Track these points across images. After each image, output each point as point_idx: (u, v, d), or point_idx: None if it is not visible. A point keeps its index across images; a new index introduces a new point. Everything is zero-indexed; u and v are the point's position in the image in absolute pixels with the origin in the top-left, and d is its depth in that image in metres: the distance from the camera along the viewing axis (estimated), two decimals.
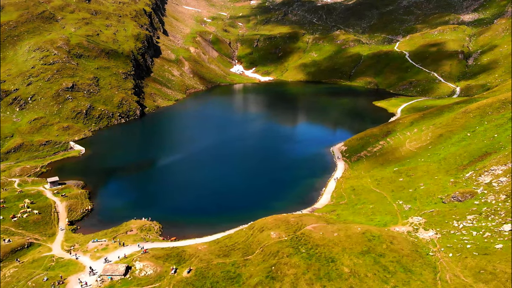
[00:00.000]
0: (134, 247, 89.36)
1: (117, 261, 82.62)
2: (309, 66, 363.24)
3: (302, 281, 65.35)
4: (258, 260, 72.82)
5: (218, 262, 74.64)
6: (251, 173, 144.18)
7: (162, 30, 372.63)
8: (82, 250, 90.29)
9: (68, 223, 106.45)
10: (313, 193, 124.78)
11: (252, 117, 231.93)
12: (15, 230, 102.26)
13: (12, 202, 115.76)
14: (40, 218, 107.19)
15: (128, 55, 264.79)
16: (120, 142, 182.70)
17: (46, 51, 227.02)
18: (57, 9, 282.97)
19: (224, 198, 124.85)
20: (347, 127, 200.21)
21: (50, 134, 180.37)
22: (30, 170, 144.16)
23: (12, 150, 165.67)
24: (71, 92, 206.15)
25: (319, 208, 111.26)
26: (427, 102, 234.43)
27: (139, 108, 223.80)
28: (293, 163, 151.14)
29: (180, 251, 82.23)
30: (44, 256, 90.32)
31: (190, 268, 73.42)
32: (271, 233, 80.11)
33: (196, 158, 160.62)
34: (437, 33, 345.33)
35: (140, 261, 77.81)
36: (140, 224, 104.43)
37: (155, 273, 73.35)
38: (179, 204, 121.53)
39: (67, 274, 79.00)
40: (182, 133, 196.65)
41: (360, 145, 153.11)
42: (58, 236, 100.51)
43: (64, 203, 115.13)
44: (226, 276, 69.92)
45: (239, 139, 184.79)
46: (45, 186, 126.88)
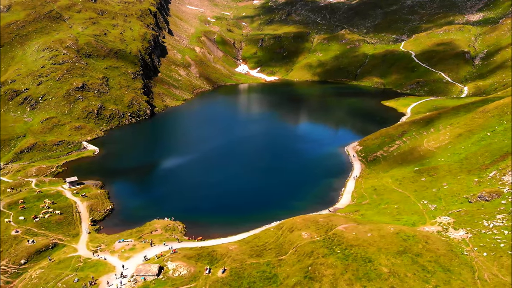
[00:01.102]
0: (162, 247, 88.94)
1: (147, 260, 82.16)
2: (315, 66, 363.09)
3: (342, 281, 65.07)
4: (293, 261, 72.51)
5: (252, 262, 74.32)
6: (267, 172, 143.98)
7: (167, 29, 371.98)
8: (109, 251, 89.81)
9: (91, 223, 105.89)
10: (332, 193, 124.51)
11: (262, 117, 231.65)
12: (38, 230, 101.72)
13: (32, 203, 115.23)
14: (63, 219, 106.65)
15: (136, 55, 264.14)
16: (134, 142, 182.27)
17: (55, 50, 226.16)
18: (63, 9, 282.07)
19: (242, 198, 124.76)
20: (359, 126, 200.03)
21: (62, 134, 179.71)
22: (46, 170, 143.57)
23: (25, 150, 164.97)
24: (82, 91, 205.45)
25: (340, 208, 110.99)
26: (436, 102, 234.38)
27: (149, 108, 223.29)
28: (308, 163, 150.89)
29: (211, 251, 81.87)
30: (70, 256, 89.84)
31: (224, 268, 73.05)
32: (302, 234, 79.83)
33: (210, 157, 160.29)
34: (442, 32, 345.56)
35: (172, 261, 77.43)
36: (164, 224, 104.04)
37: (189, 273, 72.97)
38: (198, 203, 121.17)
39: (98, 275, 78.54)
40: (194, 133, 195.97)
41: (375, 144, 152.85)
42: (82, 237, 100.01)
43: (85, 203, 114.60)
44: (262, 276, 69.61)
45: (251, 138, 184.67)
46: (64, 186, 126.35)
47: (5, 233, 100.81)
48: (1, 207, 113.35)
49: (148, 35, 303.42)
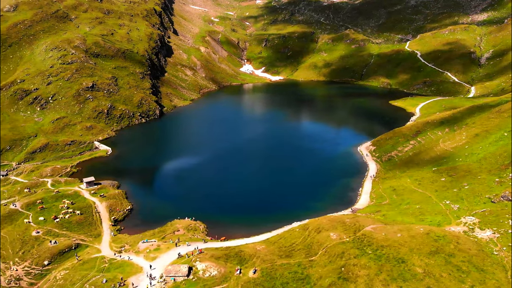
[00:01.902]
0: (187, 247, 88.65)
1: (174, 261, 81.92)
2: (320, 66, 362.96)
3: (377, 282, 64.85)
4: (324, 261, 72.29)
5: (282, 262, 74.10)
6: (281, 172, 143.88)
7: (172, 29, 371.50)
8: (134, 251, 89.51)
9: (112, 224, 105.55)
10: (350, 193, 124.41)
11: (271, 116, 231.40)
12: (59, 231, 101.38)
13: (50, 203, 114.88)
14: (83, 219, 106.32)
15: (143, 55, 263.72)
16: (146, 142, 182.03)
17: (64, 50, 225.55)
18: (70, 8, 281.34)
19: (259, 197, 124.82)
20: (369, 126, 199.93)
21: (73, 134, 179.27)
22: (61, 170, 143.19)
23: (37, 150, 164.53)
24: (91, 91, 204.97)
25: (360, 209, 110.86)
26: (444, 102, 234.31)
27: (158, 108, 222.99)
28: (322, 163, 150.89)
29: (238, 251, 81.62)
30: (94, 257, 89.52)
31: (255, 268, 72.81)
32: (331, 234, 79.64)
33: (223, 156, 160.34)
34: (448, 32, 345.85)
35: (201, 262, 77.18)
36: (185, 223, 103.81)
37: (219, 274, 72.71)
38: (216, 203, 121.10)
39: (126, 276, 78.23)
40: (205, 133, 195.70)
41: (389, 144, 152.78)
42: (104, 237, 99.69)
43: (104, 203, 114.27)
44: (295, 277, 69.39)
45: (262, 138, 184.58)
46: (81, 186, 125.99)
47: (26, 234, 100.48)
48: (19, 207, 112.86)
49: (154, 35, 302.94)
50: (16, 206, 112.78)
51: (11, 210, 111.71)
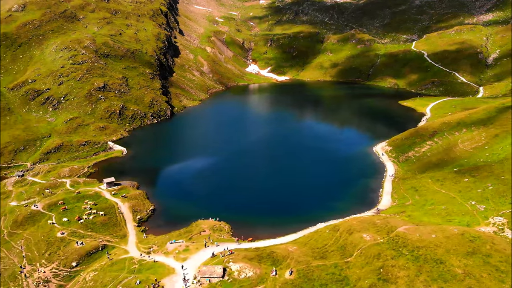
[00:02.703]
0: (216, 248, 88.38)
1: (206, 261, 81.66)
2: (326, 66, 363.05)
3: (418, 282, 64.63)
4: (361, 263, 72.06)
5: (318, 264, 73.86)
6: (299, 172, 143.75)
7: (178, 29, 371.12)
8: (162, 252, 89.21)
9: (136, 225, 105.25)
10: (370, 193, 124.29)
11: (282, 116, 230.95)
12: (84, 232, 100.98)
13: (72, 204, 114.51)
14: (107, 220, 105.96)
15: (152, 55, 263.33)
16: (160, 142, 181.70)
17: (74, 50, 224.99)
18: (77, 8, 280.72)
19: (280, 198, 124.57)
20: (381, 126, 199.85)
21: (87, 134, 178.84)
22: (79, 170, 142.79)
23: (52, 150, 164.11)
24: (103, 92, 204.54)
25: (384, 210, 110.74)
26: (454, 102, 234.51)
27: (169, 108, 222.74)
28: (339, 163, 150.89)
29: (270, 252, 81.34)
30: (122, 258, 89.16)
31: (291, 270, 72.55)
32: (364, 235, 79.39)
33: (239, 157, 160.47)
34: (454, 33, 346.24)
35: (234, 262, 76.88)
36: (210, 224, 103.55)
37: (255, 275, 72.43)
38: (237, 203, 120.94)
39: (159, 277, 77.85)
40: (218, 133, 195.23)
41: (406, 145, 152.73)
42: (130, 238, 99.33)
43: (126, 203, 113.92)
44: (333, 278, 69.16)
45: (276, 138, 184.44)
46: (101, 187, 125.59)
47: (50, 235, 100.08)
48: (41, 208, 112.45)
49: (162, 35, 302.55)
50: (37, 207, 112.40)
51: (32, 211, 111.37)
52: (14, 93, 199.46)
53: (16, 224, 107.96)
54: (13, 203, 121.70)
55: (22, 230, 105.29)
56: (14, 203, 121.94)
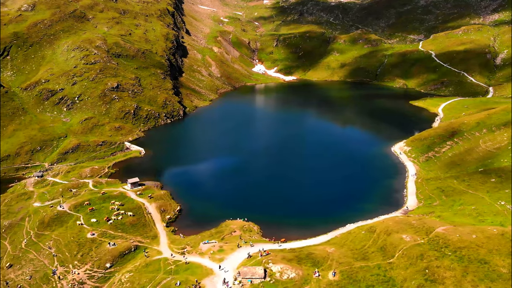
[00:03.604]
0: (250, 248, 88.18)
1: (243, 262, 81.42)
2: (333, 66, 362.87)
3: (465, 283, 64.62)
4: (404, 264, 71.94)
5: (361, 265, 73.73)
6: (320, 172, 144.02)
7: (185, 29, 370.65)
8: (197, 252, 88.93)
9: (165, 225, 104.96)
10: (395, 194, 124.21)
11: (295, 116, 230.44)
12: (114, 232, 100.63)
13: (98, 204, 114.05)
14: (136, 220, 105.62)
15: (162, 55, 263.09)
16: (176, 142, 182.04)
17: (86, 50, 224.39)
18: (86, 8, 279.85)
19: (305, 199, 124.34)
20: (396, 126, 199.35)
21: (103, 135, 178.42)
22: (99, 171, 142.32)
23: (70, 150, 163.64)
24: (117, 92, 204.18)
25: (411, 210, 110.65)
26: (466, 102, 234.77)
27: (182, 108, 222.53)
28: (359, 163, 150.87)
29: (308, 253, 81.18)
30: (157, 259, 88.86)
31: (334, 271, 72.37)
32: (403, 236, 79.27)
33: (258, 157, 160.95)
34: (461, 33, 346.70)
35: (274, 263, 76.67)
36: (239, 224, 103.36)
37: (298, 276, 72.24)
38: (261, 203, 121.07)
39: (199, 278, 77.52)
40: (233, 133, 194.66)
41: (425, 145, 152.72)
42: (161, 238, 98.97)
43: (153, 204, 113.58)
44: (378, 280, 69.07)
45: (293, 138, 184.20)
46: (125, 187, 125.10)
47: (80, 236, 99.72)
48: (67, 209, 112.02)
49: (170, 35, 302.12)
50: (63, 208, 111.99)
51: (59, 211, 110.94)
52: (27, 93, 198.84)
53: (43, 225, 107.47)
54: (37, 204, 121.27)
55: (49, 231, 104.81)
56: (38, 203, 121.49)
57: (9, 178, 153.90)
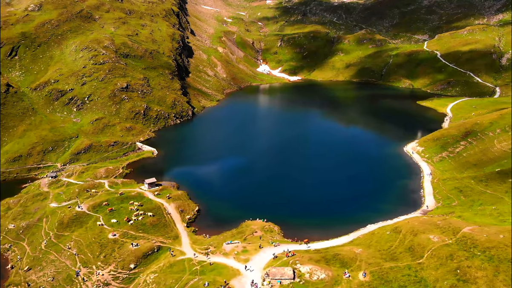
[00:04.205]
0: (274, 249, 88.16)
1: (269, 262, 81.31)
2: (338, 66, 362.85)
3: (498, 282, 64.66)
4: (434, 264, 71.90)
5: (390, 266, 73.72)
6: (335, 172, 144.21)
7: (189, 30, 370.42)
8: (221, 253, 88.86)
9: (186, 225, 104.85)
10: (411, 194, 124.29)
11: (304, 116, 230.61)
12: (135, 233, 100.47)
13: (116, 205, 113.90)
14: (156, 221, 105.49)
15: (169, 55, 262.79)
16: (187, 142, 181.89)
17: (94, 50, 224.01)
18: (93, 8, 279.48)
19: (322, 199, 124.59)
20: (406, 126, 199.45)
21: (114, 135, 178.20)
22: (114, 171, 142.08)
23: (82, 151, 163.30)
24: (126, 92, 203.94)
25: (430, 211, 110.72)
26: (474, 102, 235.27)
27: (190, 108, 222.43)
28: (373, 163, 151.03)
29: (334, 254, 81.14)
30: (180, 259, 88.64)
31: (364, 271, 72.33)
32: (430, 237, 79.26)
33: (270, 157, 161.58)
34: (466, 33, 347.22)
35: (302, 264, 76.63)
36: (260, 225, 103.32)
37: (328, 277, 72.19)
38: (278, 204, 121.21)
39: (226, 279, 77.37)
40: (243, 133, 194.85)
41: (438, 145, 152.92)
42: (183, 239, 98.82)
43: (172, 204, 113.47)
44: (410, 280, 69.05)
45: (303, 138, 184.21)
46: (142, 187, 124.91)
47: (102, 237, 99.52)
48: (86, 209, 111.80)
49: (176, 36, 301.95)
50: (82, 208, 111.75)
51: (77, 212, 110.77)
52: (37, 93, 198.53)
53: (62, 226, 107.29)
54: (53, 205, 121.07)
55: (69, 232, 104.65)
56: (54, 204, 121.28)
57: (22, 178, 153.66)
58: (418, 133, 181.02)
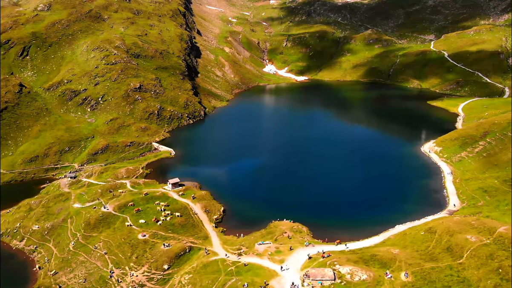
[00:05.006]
0: (309, 249, 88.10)
1: (305, 263, 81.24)
2: (344, 66, 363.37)
3: None
4: (475, 264, 72.02)
5: (431, 266, 73.82)
6: (355, 172, 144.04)
7: (196, 30, 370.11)
8: (254, 253, 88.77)
9: (214, 225, 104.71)
10: (435, 194, 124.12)
11: (316, 117, 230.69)
12: (165, 234, 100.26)
13: (142, 205, 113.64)
14: (184, 221, 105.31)
15: (179, 56, 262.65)
16: (203, 142, 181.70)
17: (106, 50, 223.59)
18: (101, 8, 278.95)
19: (346, 199, 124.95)
20: (419, 126, 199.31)
21: (130, 135, 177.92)
22: (134, 171, 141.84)
23: (99, 151, 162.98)
24: (139, 92, 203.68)
25: (456, 211, 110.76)
26: (484, 102, 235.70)
27: (202, 109, 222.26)
28: (392, 163, 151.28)
29: (371, 254, 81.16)
30: (214, 260, 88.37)
31: (406, 272, 72.34)
32: (467, 237, 79.37)
33: (288, 157, 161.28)
34: (473, 33, 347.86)
35: (340, 265, 76.59)
36: (287, 226, 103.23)
37: (370, 278, 72.16)
38: (301, 204, 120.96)
39: (264, 280, 77.22)
40: (258, 133, 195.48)
41: (457, 145, 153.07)
42: (213, 239, 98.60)
43: (197, 204, 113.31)
44: (453, 280, 69.18)
45: (317, 138, 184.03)
46: (165, 187, 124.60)
47: (131, 237, 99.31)
48: (112, 210, 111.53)
49: (185, 36, 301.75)
50: (108, 209, 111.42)
51: (104, 213, 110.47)
52: (50, 93, 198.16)
53: (89, 226, 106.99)
54: (77, 205, 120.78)
55: (97, 233, 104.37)
56: (78, 205, 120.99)
57: (39, 179, 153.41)
58: (433, 133, 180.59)
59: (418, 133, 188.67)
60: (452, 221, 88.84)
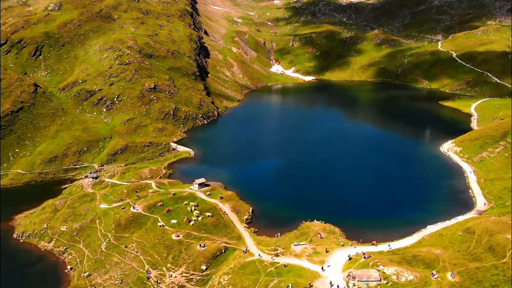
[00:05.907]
0: (347, 251, 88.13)
1: (347, 264, 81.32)
2: (352, 66, 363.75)
3: None
4: None
5: (476, 266, 74.01)
6: (378, 172, 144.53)
7: (203, 30, 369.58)
8: (292, 254, 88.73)
9: (246, 226, 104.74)
10: (460, 195, 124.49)
11: (329, 116, 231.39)
12: (198, 234, 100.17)
13: (171, 205, 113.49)
14: (216, 221, 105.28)
15: (190, 56, 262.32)
16: (220, 142, 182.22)
17: (119, 50, 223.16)
18: (111, 8, 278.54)
19: (372, 199, 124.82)
20: (435, 126, 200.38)
21: (147, 136, 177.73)
22: (158, 171, 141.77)
23: (118, 151, 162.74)
24: (154, 92, 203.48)
25: (485, 211, 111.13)
26: (496, 102, 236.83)
27: (216, 109, 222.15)
28: (412, 164, 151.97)
29: (413, 255, 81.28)
30: (251, 260, 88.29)
31: (452, 272, 72.54)
32: (508, 236, 79.55)
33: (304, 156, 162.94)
34: (480, 33, 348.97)
35: (384, 266, 76.68)
36: (320, 226, 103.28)
37: (417, 278, 72.25)
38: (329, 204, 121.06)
39: (306, 280, 77.28)
40: (274, 132, 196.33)
41: (477, 145, 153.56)
42: (247, 239, 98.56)
43: (226, 204, 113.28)
44: (501, 279, 69.38)
45: (337, 138, 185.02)
46: (191, 187, 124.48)
47: (165, 238, 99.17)
48: (141, 210, 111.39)
49: (194, 36, 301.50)
50: (137, 210, 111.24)
51: (134, 213, 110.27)
52: (65, 94, 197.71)
53: (120, 227, 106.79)
54: (103, 206, 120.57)
55: (129, 234, 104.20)
56: (104, 205, 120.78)
57: (60, 179, 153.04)
58: (449, 133, 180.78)
59: (434, 133, 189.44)
60: (489, 221, 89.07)
